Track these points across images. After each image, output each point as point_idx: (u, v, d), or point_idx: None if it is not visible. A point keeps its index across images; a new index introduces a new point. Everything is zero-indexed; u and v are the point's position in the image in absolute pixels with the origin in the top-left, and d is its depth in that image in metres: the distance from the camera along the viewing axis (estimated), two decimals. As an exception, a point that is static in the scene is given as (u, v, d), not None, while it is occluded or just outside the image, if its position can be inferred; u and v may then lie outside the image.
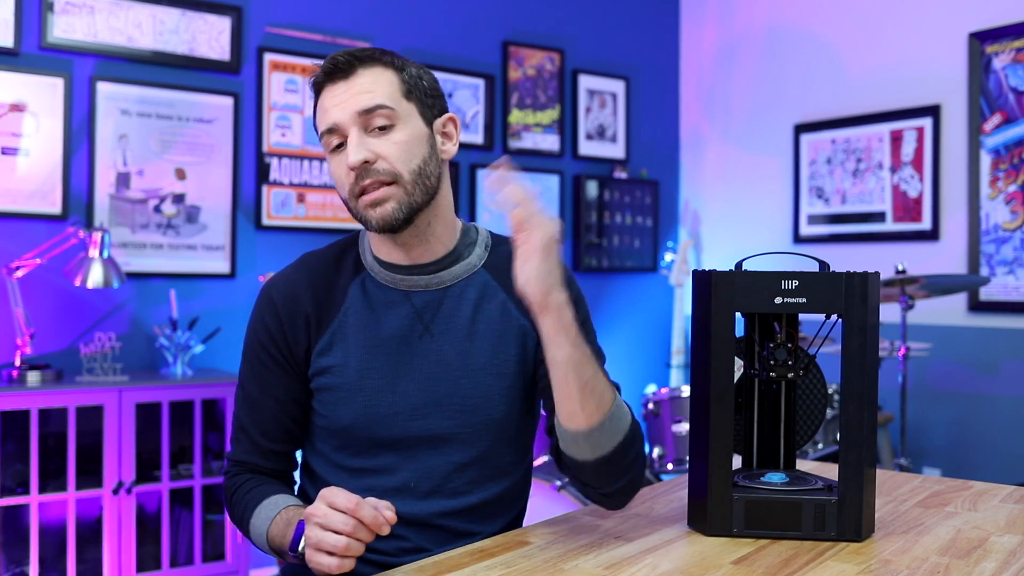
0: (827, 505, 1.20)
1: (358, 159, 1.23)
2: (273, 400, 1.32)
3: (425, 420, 1.29)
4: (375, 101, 1.25)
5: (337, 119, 1.25)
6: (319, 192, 3.62)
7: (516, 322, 1.34)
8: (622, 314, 4.56)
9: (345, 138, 1.26)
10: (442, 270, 1.33)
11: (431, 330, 1.31)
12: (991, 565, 1.11)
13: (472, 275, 1.35)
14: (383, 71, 1.28)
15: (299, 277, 1.34)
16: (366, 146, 1.24)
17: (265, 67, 3.48)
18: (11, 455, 2.77)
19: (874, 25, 4.07)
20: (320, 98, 1.29)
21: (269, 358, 1.32)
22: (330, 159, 1.29)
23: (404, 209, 1.25)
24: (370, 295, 1.32)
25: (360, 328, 1.31)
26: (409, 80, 1.29)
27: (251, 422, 1.34)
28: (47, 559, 2.79)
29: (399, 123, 1.26)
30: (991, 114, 3.67)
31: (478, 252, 1.37)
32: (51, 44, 3.05)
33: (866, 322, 1.20)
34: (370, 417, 1.29)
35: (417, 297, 1.32)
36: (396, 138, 1.25)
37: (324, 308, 1.32)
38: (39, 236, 3.00)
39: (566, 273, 1.33)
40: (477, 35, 4.08)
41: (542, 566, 1.11)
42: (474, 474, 1.31)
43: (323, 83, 1.28)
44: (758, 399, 1.35)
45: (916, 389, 3.79)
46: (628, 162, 4.60)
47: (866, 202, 4.08)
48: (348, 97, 1.25)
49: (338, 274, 1.34)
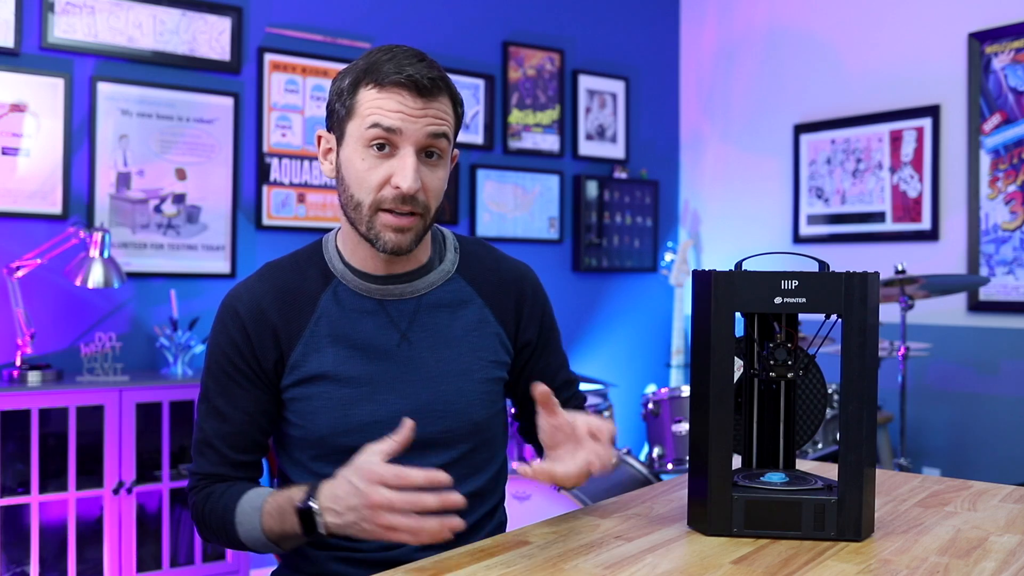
0: (827, 505, 1.20)
1: (416, 186, 1.22)
2: (242, 413, 1.30)
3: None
4: (443, 129, 1.25)
5: (405, 129, 1.21)
6: (319, 192, 3.62)
7: (492, 328, 1.37)
8: (622, 314, 4.56)
9: (393, 144, 1.22)
10: (417, 279, 1.34)
11: (408, 338, 1.31)
12: (991, 565, 1.11)
13: (447, 282, 1.36)
14: (450, 106, 1.27)
15: (264, 289, 1.31)
16: (420, 175, 1.23)
17: (265, 67, 3.48)
18: (11, 455, 2.78)
19: (874, 25, 4.07)
20: (383, 93, 1.22)
21: (237, 372, 1.29)
22: (361, 153, 1.23)
23: (417, 240, 1.27)
24: (343, 304, 1.31)
25: (335, 337, 1.29)
26: (460, 115, 1.31)
27: (218, 435, 1.30)
28: (47, 559, 2.79)
29: (444, 158, 1.28)
30: (991, 114, 3.67)
31: (450, 257, 1.38)
32: (51, 44, 3.05)
33: (866, 322, 1.20)
34: (350, 426, 1.28)
35: (392, 306, 1.32)
36: (439, 174, 1.27)
37: (292, 320, 1.30)
38: (39, 236, 3.00)
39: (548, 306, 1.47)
40: (477, 35, 4.08)
41: (542, 566, 1.11)
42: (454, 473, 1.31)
43: (400, 86, 1.22)
44: (758, 399, 1.35)
45: (916, 389, 3.79)
46: (628, 162, 4.60)
47: (866, 202, 4.09)
48: (424, 114, 1.22)
49: (304, 284, 1.32)
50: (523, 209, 4.19)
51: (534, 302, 1.43)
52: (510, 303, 1.39)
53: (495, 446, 1.41)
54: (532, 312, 1.42)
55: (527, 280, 1.43)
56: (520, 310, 1.40)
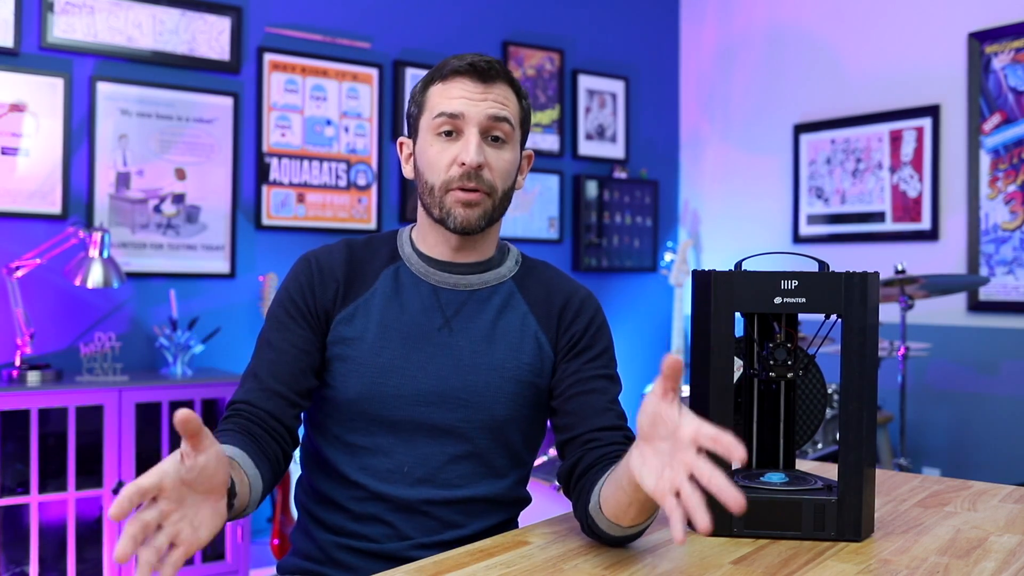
0: (827, 505, 1.20)
1: (479, 159, 1.30)
2: (289, 345, 1.33)
3: (428, 408, 1.32)
4: (504, 113, 1.33)
5: (467, 112, 1.31)
6: (319, 192, 3.62)
7: (534, 334, 1.37)
8: (622, 314, 4.56)
9: (458, 129, 1.32)
10: (473, 274, 1.39)
11: (451, 325, 1.35)
12: (990, 565, 1.11)
13: (500, 284, 1.40)
14: (512, 93, 1.37)
15: (338, 251, 1.40)
16: (484, 154, 1.32)
17: (265, 67, 3.48)
18: (11, 455, 2.78)
19: (873, 25, 4.07)
20: (447, 85, 1.33)
21: (295, 308, 1.35)
22: (431, 141, 1.34)
23: (486, 220, 1.34)
24: (400, 282, 1.38)
25: (384, 309, 1.35)
26: (526, 109, 1.40)
27: (262, 365, 1.33)
28: (47, 559, 2.79)
29: (510, 143, 1.36)
30: (990, 114, 3.67)
31: (509, 265, 1.43)
32: (51, 44, 3.05)
33: (865, 322, 1.20)
34: (375, 394, 1.32)
35: (444, 294, 1.37)
36: (505, 156, 1.35)
37: (354, 283, 1.37)
38: (39, 236, 3.00)
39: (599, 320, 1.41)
40: (477, 35, 4.08)
41: (542, 566, 1.11)
42: (467, 469, 1.33)
43: (460, 74, 1.33)
44: (757, 399, 1.35)
45: (916, 389, 3.79)
46: (628, 162, 4.60)
47: (865, 202, 4.09)
48: (484, 98, 1.32)
49: (373, 258, 1.40)
50: (523, 209, 4.19)
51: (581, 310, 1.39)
52: (555, 310, 1.39)
53: (514, 455, 1.38)
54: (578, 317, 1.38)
55: (578, 294, 1.41)
56: (563, 314, 1.38)
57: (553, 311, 1.39)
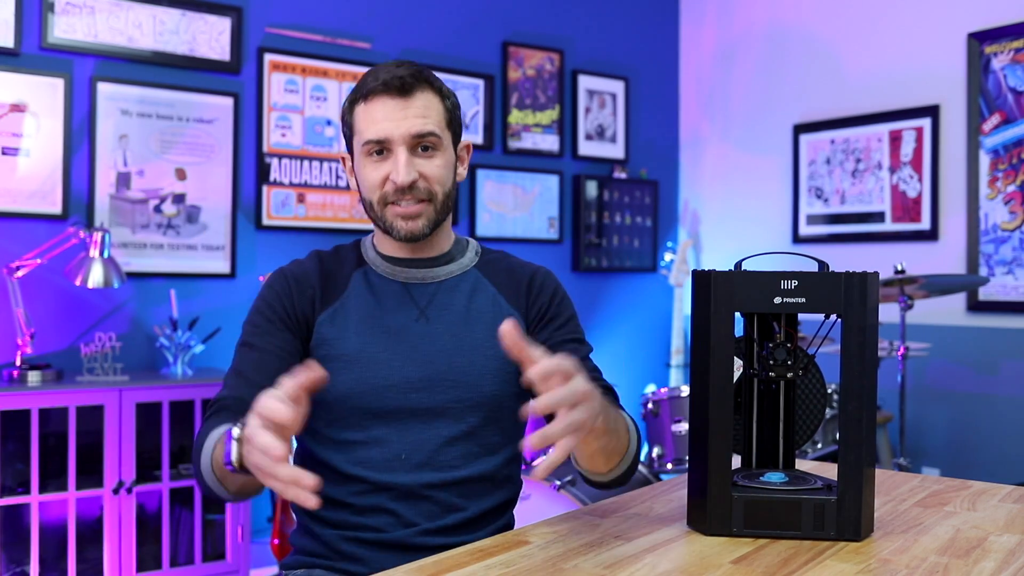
0: (826, 505, 1.21)
1: (408, 178, 1.35)
2: (272, 347, 1.36)
3: (418, 394, 1.36)
4: (428, 128, 1.36)
5: (390, 134, 1.35)
6: (319, 192, 3.62)
7: (506, 311, 1.45)
8: (622, 314, 4.56)
9: (387, 149, 1.36)
10: (437, 267, 1.46)
11: (427, 315, 1.42)
12: (990, 565, 1.11)
13: (464, 273, 1.48)
14: (433, 97, 1.39)
15: (309, 262, 1.46)
16: (414, 166, 1.36)
17: (265, 67, 3.49)
18: (11, 455, 2.78)
19: (873, 25, 4.07)
20: (369, 106, 1.37)
21: (274, 314, 1.39)
22: (364, 162, 1.39)
23: (431, 225, 1.40)
24: (371, 283, 1.44)
25: (361, 308, 1.41)
26: (451, 110, 1.42)
27: (246, 363, 1.35)
28: (47, 559, 2.79)
29: (441, 149, 1.39)
30: (990, 114, 3.67)
31: (470, 256, 1.51)
32: (51, 44, 3.05)
33: (865, 322, 1.20)
34: (365, 388, 1.35)
35: (414, 288, 1.44)
36: (438, 162, 1.38)
37: (329, 288, 1.42)
38: (39, 236, 3.00)
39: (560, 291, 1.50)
40: (477, 35, 4.08)
41: (542, 566, 1.11)
42: (463, 449, 1.38)
43: (378, 94, 1.36)
44: (757, 399, 1.36)
45: (915, 389, 3.80)
46: (628, 162, 4.60)
47: (865, 202, 4.09)
48: (404, 117, 1.35)
49: (343, 265, 1.46)
50: (523, 209, 4.19)
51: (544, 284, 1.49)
52: (521, 287, 1.48)
53: (508, 429, 1.43)
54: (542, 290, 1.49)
55: (539, 271, 1.52)
56: (530, 290, 1.48)
57: (520, 289, 1.48)
